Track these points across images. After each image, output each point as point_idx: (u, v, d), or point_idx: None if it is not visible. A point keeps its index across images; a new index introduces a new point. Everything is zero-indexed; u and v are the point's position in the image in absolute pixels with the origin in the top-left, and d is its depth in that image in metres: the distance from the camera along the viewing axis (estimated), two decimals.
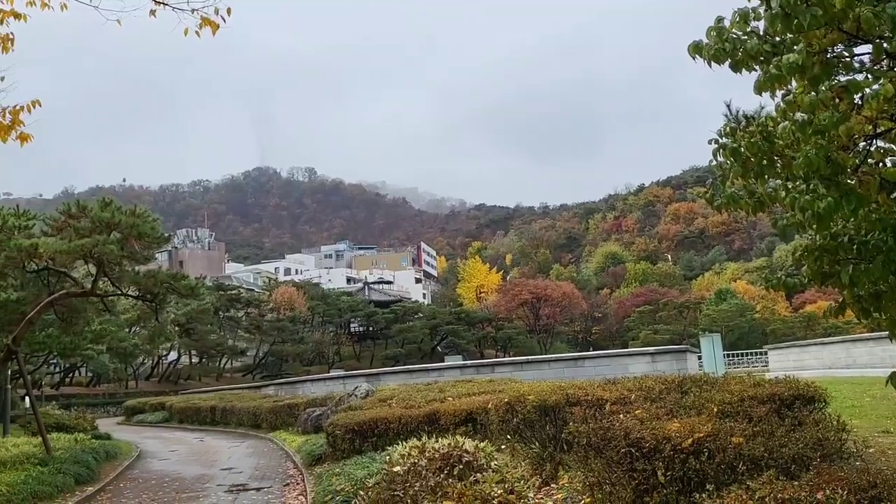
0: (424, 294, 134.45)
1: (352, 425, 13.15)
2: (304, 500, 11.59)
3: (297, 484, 13.50)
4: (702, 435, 5.36)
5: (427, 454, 8.45)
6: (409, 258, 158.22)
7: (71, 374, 57.90)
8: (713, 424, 5.58)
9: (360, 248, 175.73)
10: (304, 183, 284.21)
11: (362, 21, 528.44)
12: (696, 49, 5.07)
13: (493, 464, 8.25)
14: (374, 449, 12.49)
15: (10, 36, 8.60)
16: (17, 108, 8.88)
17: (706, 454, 5.23)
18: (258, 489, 13.28)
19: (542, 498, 7.23)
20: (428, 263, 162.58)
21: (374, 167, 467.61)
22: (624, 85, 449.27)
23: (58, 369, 53.67)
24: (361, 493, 8.62)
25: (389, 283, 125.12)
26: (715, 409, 6.09)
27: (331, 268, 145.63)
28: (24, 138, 9.18)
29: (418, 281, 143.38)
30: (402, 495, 7.73)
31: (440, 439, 8.99)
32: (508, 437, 9.32)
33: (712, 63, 4.94)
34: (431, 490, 7.52)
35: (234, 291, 73.44)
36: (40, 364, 38.43)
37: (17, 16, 8.39)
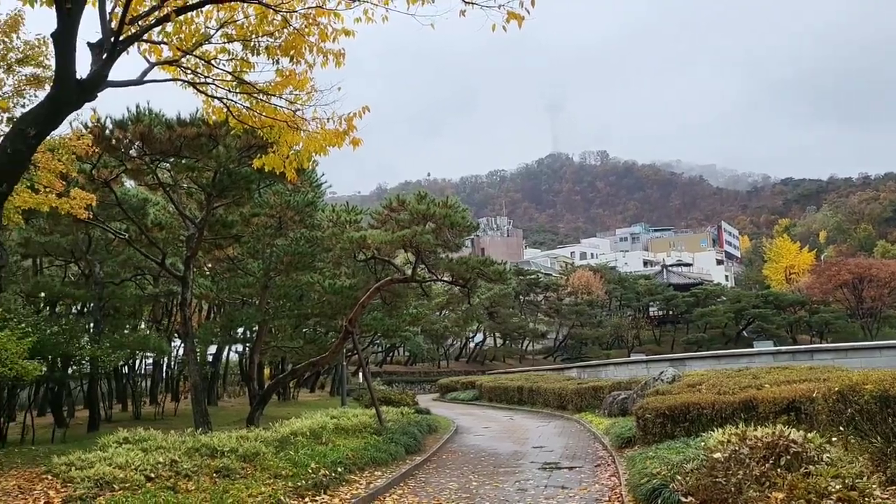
0: (727, 276, 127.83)
1: (662, 409, 12.98)
2: (616, 481, 11.67)
3: (608, 465, 13.62)
4: None
5: (748, 442, 8.09)
6: (708, 239, 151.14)
7: (391, 354, 63.58)
8: None
9: (655, 230, 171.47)
10: (597, 167, 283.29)
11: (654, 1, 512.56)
12: None
13: (824, 456, 7.68)
14: (686, 434, 12.23)
15: (342, 51, 9.54)
16: (351, 115, 9.88)
17: None
18: (570, 468, 13.61)
19: (887, 497, 6.59)
20: (729, 244, 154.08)
21: (667, 147, 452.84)
22: None
23: (380, 349, 59.18)
24: (679, 477, 8.50)
25: (688, 265, 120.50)
26: None
27: (626, 251, 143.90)
28: (355, 143, 10.18)
29: (720, 262, 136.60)
30: (723, 483, 7.51)
31: (759, 428, 8.56)
32: (840, 428, 8.61)
33: None
34: (756, 479, 7.22)
35: (532, 276, 75.53)
36: (367, 344, 42.65)
37: (346, 32, 9.26)
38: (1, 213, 6.62)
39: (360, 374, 35.56)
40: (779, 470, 7.18)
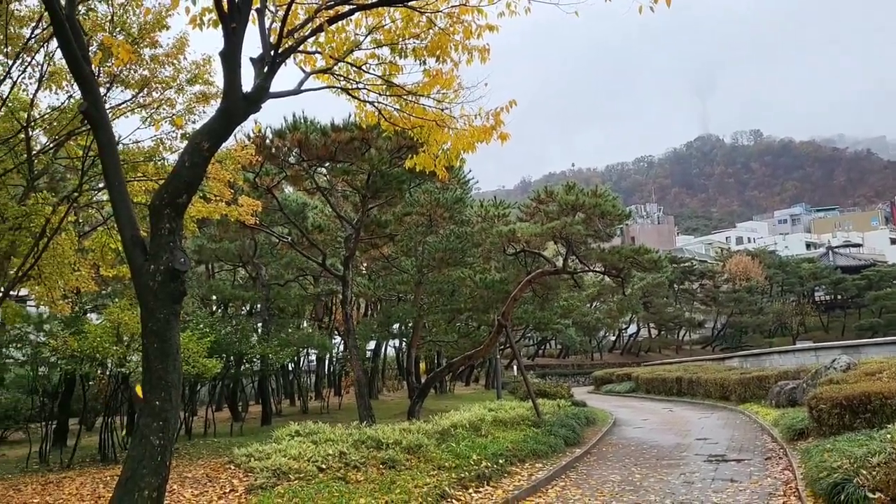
0: None
1: (839, 399, 12.19)
2: (790, 475, 11.10)
3: (780, 458, 12.98)
4: None
5: None
6: (880, 217, 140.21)
7: (543, 347, 63.43)
8: None
9: (818, 211, 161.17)
10: (750, 147, 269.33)
11: None
12: None
13: None
14: (867, 426, 11.42)
15: (486, 47, 9.57)
16: (498, 110, 9.90)
17: None
18: (738, 461, 13.08)
19: None
20: None
21: (826, 122, 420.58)
22: None
23: (532, 342, 59.17)
24: (864, 472, 7.97)
25: (857, 245, 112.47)
26: None
27: (786, 233, 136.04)
28: (503, 137, 10.18)
29: (895, 242, 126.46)
30: None
31: None
32: None
33: None
34: None
35: (686, 264, 73.13)
36: (519, 338, 42.78)
37: (490, 28, 9.27)
38: (182, 223, 7.11)
39: (514, 367, 35.73)
40: None
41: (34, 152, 11.63)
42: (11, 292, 11.66)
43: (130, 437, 10.64)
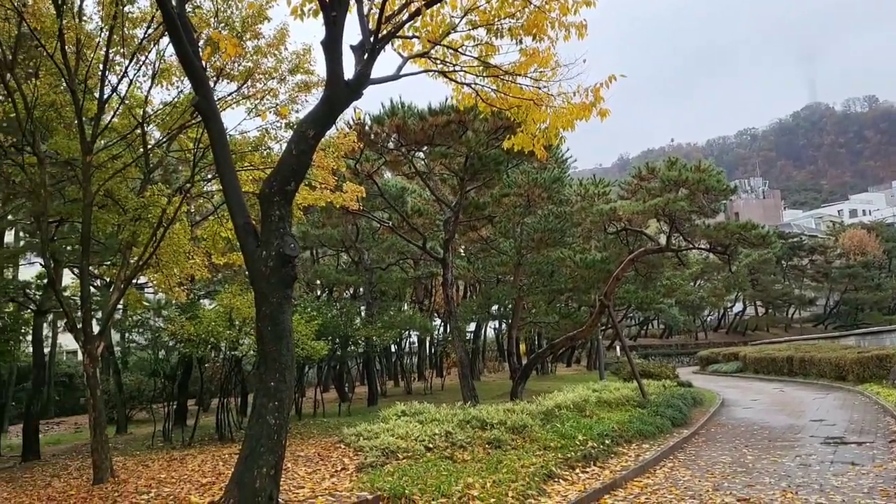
0: None
1: None
2: None
3: None
4: None
5: None
6: None
7: (646, 327, 62.32)
8: None
9: None
10: (864, 114, 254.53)
11: None
12: None
13: None
14: None
15: (584, 23, 9.41)
16: (597, 86, 9.72)
17: None
18: (859, 443, 12.53)
19: None
20: None
21: None
22: None
23: (634, 322, 58.21)
24: None
25: None
26: None
27: None
28: (603, 114, 9.98)
29: None
30: None
31: None
32: None
33: None
34: None
35: (795, 239, 70.27)
36: (621, 318, 42.19)
37: (587, 3, 9.12)
38: (291, 210, 7.34)
39: (617, 348, 35.27)
40: None
41: (149, 146, 12.20)
42: (133, 280, 12.28)
43: (247, 418, 11.10)
